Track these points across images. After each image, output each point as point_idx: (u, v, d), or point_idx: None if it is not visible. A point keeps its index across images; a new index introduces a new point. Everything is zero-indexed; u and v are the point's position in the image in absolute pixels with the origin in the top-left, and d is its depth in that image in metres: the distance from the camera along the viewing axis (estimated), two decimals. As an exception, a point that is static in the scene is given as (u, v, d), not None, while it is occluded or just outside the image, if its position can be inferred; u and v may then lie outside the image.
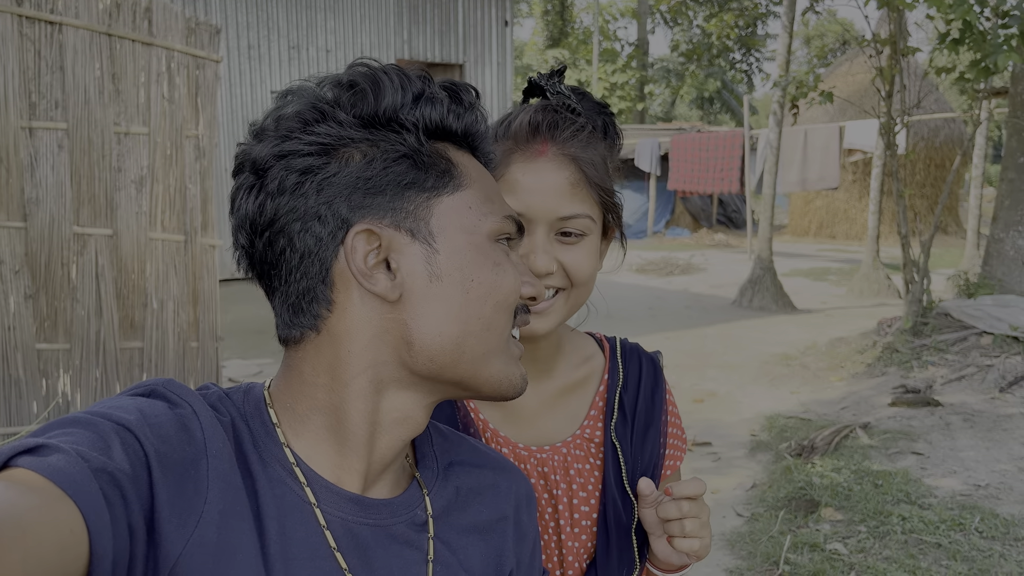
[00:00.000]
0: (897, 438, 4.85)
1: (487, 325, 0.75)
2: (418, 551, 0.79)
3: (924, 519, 3.73)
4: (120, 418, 0.64)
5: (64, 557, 0.52)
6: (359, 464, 0.75)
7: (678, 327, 8.49)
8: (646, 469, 1.14)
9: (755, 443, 5.03)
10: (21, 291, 3.59)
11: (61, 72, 3.56)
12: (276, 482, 0.72)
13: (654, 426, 1.16)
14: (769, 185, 10.04)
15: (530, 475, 1.11)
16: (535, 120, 1.05)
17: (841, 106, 15.61)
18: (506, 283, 0.76)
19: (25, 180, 3.54)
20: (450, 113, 0.77)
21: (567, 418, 1.15)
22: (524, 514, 0.92)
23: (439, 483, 0.84)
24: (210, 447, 0.68)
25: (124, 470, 0.60)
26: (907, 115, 7.44)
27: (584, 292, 1.07)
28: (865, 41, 7.63)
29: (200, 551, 0.64)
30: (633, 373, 1.18)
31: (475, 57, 13.25)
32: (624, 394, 1.16)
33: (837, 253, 16.08)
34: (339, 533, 0.73)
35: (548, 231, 1.03)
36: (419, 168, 0.74)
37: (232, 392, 0.78)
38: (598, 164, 1.05)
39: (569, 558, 1.12)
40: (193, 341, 3.97)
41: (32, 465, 0.55)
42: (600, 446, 1.14)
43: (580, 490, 1.13)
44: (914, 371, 6.25)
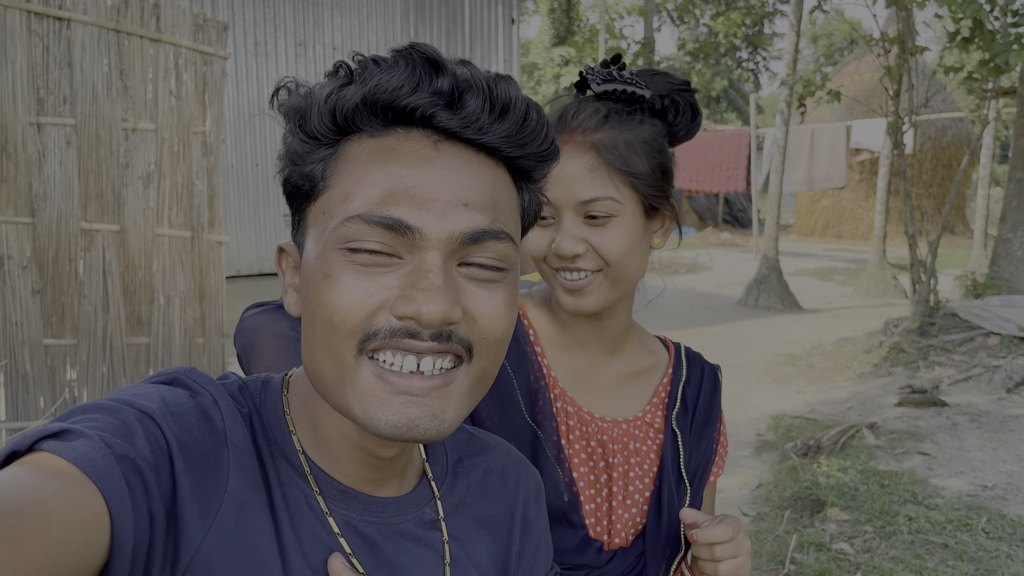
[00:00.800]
0: (903, 438, 4.84)
1: (325, 348, 0.65)
2: (428, 548, 0.78)
3: (931, 519, 3.72)
4: (143, 406, 0.64)
5: (86, 540, 0.52)
6: (362, 462, 0.75)
7: (683, 326, 8.47)
8: (699, 463, 1.21)
9: (761, 443, 5.02)
10: (29, 286, 3.60)
11: (69, 68, 3.57)
12: (284, 476, 0.72)
13: (710, 426, 1.23)
14: (775, 184, 10.03)
15: (590, 439, 1.16)
16: (562, 113, 1.11)
17: (848, 105, 15.56)
18: (330, 299, 0.64)
19: (33, 176, 3.55)
20: (342, 91, 0.66)
21: (630, 400, 1.21)
22: (532, 508, 0.91)
23: (448, 480, 0.84)
24: (231, 436, 0.69)
25: (146, 457, 0.60)
26: (915, 114, 7.41)
27: (623, 270, 1.10)
28: (873, 40, 7.61)
29: (221, 539, 0.64)
30: (696, 374, 1.25)
31: (481, 54, 13.25)
32: (687, 388, 1.23)
33: (843, 253, 16.04)
34: (345, 531, 0.73)
35: (574, 216, 1.08)
36: (297, 173, 0.70)
37: (250, 382, 0.78)
38: (622, 148, 1.08)
39: (618, 526, 1.16)
40: (199, 337, 3.97)
41: (56, 449, 0.56)
42: (659, 432, 1.20)
43: (637, 466, 1.18)
44: (921, 371, 6.23)
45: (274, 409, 0.75)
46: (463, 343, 0.65)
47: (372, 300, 0.64)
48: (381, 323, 0.64)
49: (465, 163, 0.66)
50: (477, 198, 0.65)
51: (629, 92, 1.12)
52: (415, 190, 0.64)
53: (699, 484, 1.21)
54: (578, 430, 1.17)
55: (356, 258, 0.64)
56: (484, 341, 0.67)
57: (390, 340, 0.64)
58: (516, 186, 0.72)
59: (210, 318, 3.99)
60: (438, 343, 0.64)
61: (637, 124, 1.11)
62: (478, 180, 0.66)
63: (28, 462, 0.55)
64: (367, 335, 0.64)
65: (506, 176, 0.70)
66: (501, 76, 0.67)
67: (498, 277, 0.68)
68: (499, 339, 0.68)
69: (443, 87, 0.64)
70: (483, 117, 0.65)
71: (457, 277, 0.66)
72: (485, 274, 0.67)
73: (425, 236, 0.63)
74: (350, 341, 0.64)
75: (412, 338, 0.63)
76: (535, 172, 0.72)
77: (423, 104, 0.64)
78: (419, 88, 0.64)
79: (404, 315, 0.63)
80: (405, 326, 0.63)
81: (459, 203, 0.64)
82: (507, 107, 0.66)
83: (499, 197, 0.68)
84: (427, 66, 0.64)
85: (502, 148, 0.67)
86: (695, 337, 8.00)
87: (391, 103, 0.65)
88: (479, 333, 0.66)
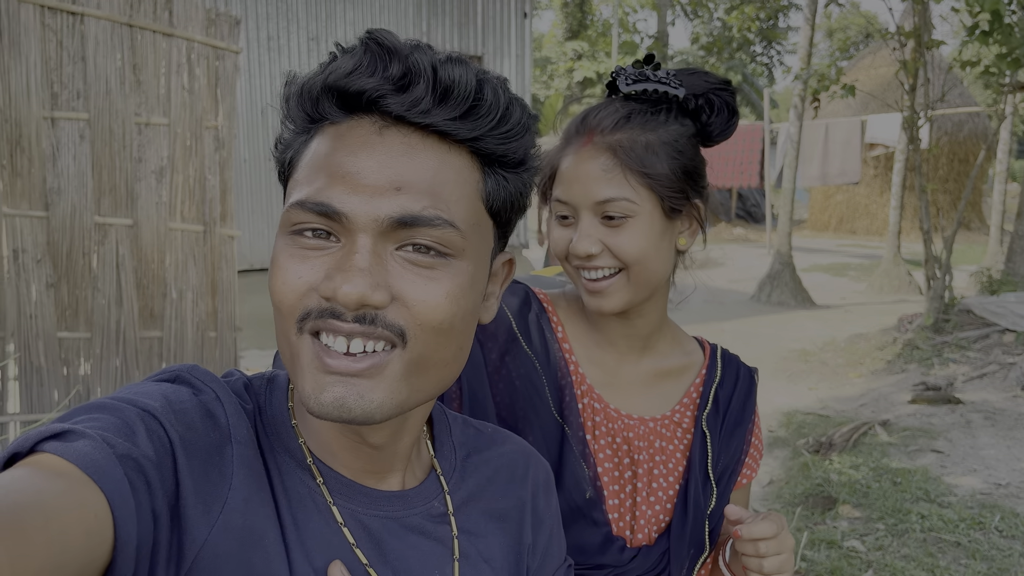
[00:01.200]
0: (917, 436, 4.81)
1: (280, 330, 0.67)
2: (436, 543, 0.78)
3: (943, 517, 3.69)
4: (145, 404, 0.64)
5: (89, 542, 0.52)
6: (354, 451, 0.74)
7: (696, 321, 8.45)
8: (727, 466, 1.21)
9: (772, 439, 5.00)
10: (43, 280, 3.62)
11: (83, 63, 3.58)
12: (287, 472, 0.72)
13: (742, 428, 1.23)
14: (789, 179, 9.97)
15: (615, 436, 1.17)
16: (586, 115, 1.13)
17: (863, 100, 15.44)
18: (273, 283, 0.66)
19: (47, 170, 3.56)
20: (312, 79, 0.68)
21: (660, 398, 1.22)
22: (541, 500, 0.91)
23: (457, 475, 0.84)
24: (234, 433, 0.69)
25: (149, 456, 0.60)
26: (931, 109, 7.35)
27: (643, 271, 1.11)
28: (889, 34, 7.54)
29: (226, 536, 0.64)
30: (730, 375, 1.26)
31: (494, 49, 13.23)
32: (720, 390, 1.23)
33: (857, 248, 15.94)
34: (350, 523, 0.73)
35: (591, 216, 1.09)
36: (278, 160, 0.73)
37: (255, 379, 0.78)
38: (640, 148, 1.08)
39: (641, 522, 1.16)
40: (212, 331, 3.99)
41: (58, 450, 0.55)
42: (687, 432, 1.21)
43: (662, 465, 1.19)
44: (935, 368, 6.19)
45: (279, 405, 0.75)
46: (391, 328, 0.64)
47: (302, 282, 0.65)
48: (312, 303, 0.64)
49: (407, 148, 0.65)
50: (413, 183, 0.64)
51: (660, 92, 1.12)
52: (351, 176, 0.64)
53: (727, 485, 1.21)
54: (604, 426, 1.17)
55: (299, 241, 0.66)
56: (418, 328, 0.65)
57: (319, 321, 0.64)
58: (483, 170, 0.70)
59: (222, 312, 4.00)
60: (360, 325, 0.63)
61: (660, 124, 1.11)
62: (417, 165, 0.65)
63: (30, 463, 0.55)
64: (302, 315, 0.65)
65: (460, 160, 0.68)
66: (453, 58, 0.66)
67: (437, 263, 0.66)
68: (435, 326, 0.66)
69: (393, 72, 0.64)
70: (426, 100, 0.64)
71: (391, 261, 0.65)
72: (423, 259, 0.65)
73: (351, 219, 0.63)
74: (291, 321, 0.66)
75: (336, 319, 0.64)
76: (505, 155, 0.70)
77: (369, 88, 0.64)
78: (372, 74, 0.65)
79: (326, 295, 0.63)
80: (330, 306, 0.64)
81: (390, 187, 0.64)
82: (450, 89, 0.65)
83: (443, 182, 0.66)
84: (380, 51, 0.64)
85: (451, 131, 0.66)
86: (707, 333, 7.93)
87: (343, 88, 0.65)
88: (412, 320, 0.65)
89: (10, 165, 3.50)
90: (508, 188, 0.72)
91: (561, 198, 1.12)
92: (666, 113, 1.12)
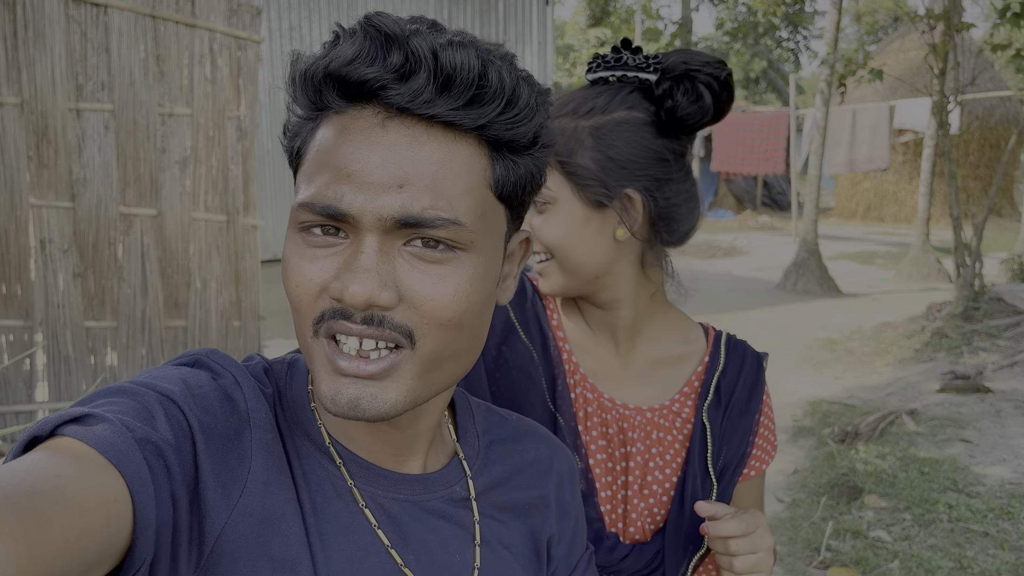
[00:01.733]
0: (945, 425, 4.74)
1: (297, 326, 0.67)
2: (457, 527, 0.78)
3: (971, 507, 3.65)
4: (164, 389, 0.64)
5: (108, 526, 0.52)
6: (372, 433, 0.74)
7: (719, 310, 8.39)
8: (730, 459, 1.16)
9: (797, 428, 4.96)
10: (70, 270, 3.67)
11: (107, 54, 3.61)
12: (306, 456, 0.72)
13: (746, 419, 1.17)
14: (815, 166, 9.85)
15: (608, 426, 1.14)
16: None
17: (892, 84, 15.20)
18: (287, 284, 0.66)
19: (73, 161, 3.60)
20: (315, 64, 0.66)
21: (657, 388, 1.18)
22: (566, 490, 0.91)
23: (480, 461, 0.83)
24: (253, 417, 0.69)
25: (168, 440, 0.60)
26: (961, 93, 7.22)
27: (566, 260, 1.09)
28: (918, 16, 7.41)
29: (246, 520, 0.64)
30: (735, 363, 1.19)
31: (515, 36, 13.18)
32: (722, 379, 1.18)
33: (885, 236, 15.73)
34: (372, 508, 0.73)
35: None
36: (286, 147, 0.72)
37: (275, 364, 0.78)
38: (565, 136, 1.06)
39: (633, 516, 1.14)
40: (235, 320, 4.02)
41: (78, 434, 0.56)
42: (687, 422, 1.16)
43: (659, 457, 1.15)
44: (964, 357, 6.10)
45: (299, 389, 0.76)
46: (399, 329, 0.64)
47: (314, 284, 0.64)
48: (325, 305, 0.64)
49: (411, 140, 0.63)
50: (416, 178, 0.63)
51: (621, 77, 1.08)
52: (356, 174, 0.63)
53: (729, 480, 1.16)
54: (596, 416, 1.15)
55: (308, 239, 0.65)
56: (426, 326, 0.65)
57: (332, 323, 0.64)
58: (491, 156, 0.68)
59: (246, 301, 4.03)
60: (368, 327, 0.63)
61: (599, 111, 1.07)
62: (421, 158, 0.63)
63: (49, 447, 0.55)
64: (316, 318, 0.65)
65: (467, 149, 0.65)
66: (455, 41, 0.63)
67: (445, 257, 0.65)
68: (443, 324, 0.65)
69: (393, 61, 0.62)
70: (428, 90, 0.62)
71: (399, 257, 0.64)
72: (431, 253, 0.64)
73: (357, 219, 0.62)
74: (307, 323, 0.66)
75: (346, 319, 0.63)
76: (514, 140, 0.67)
77: (371, 79, 0.62)
78: (372, 62, 0.62)
79: (335, 296, 0.63)
80: (341, 307, 0.63)
81: (393, 185, 0.62)
82: (452, 77, 0.62)
83: (446, 176, 0.64)
84: (380, 38, 0.62)
85: (455, 120, 0.64)
86: (732, 321, 7.91)
87: (344, 77, 0.63)
88: (420, 319, 0.64)
89: (37, 156, 3.55)
90: (518, 171, 0.70)
91: None
92: (619, 99, 1.08)
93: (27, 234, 3.59)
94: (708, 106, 1.07)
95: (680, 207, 1.12)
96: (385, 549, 0.72)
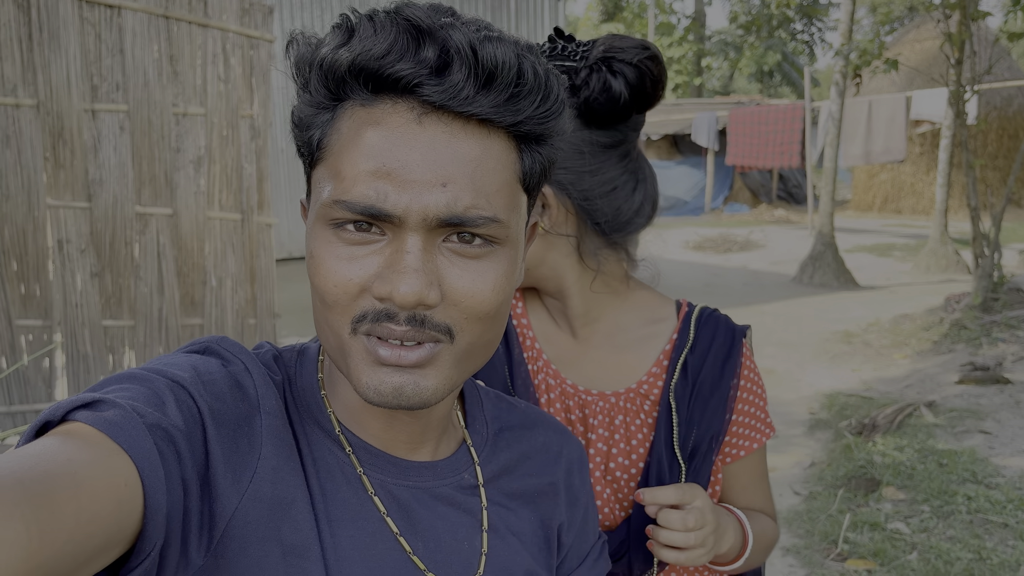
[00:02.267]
0: (964, 416, 4.70)
1: (326, 321, 0.67)
2: (466, 514, 0.78)
3: (990, 499, 3.61)
4: (175, 375, 0.65)
5: (119, 511, 0.53)
6: (386, 420, 0.75)
7: (735, 304, 8.35)
8: (702, 438, 1.10)
9: (814, 421, 4.93)
10: (87, 269, 3.71)
11: (121, 55, 3.64)
12: (315, 443, 0.73)
13: (718, 395, 1.12)
14: (830, 158, 9.78)
15: (571, 411, 1.13)
16: None
17: (908, 75, 15.06)
18: (319, 280, 0.65)
19: (89, 161, 3.64)
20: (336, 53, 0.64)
21: (623, 371, 1.15)
22: (576, 478, 0.91)
23: (488, 448, 0.84)
24: (263, 404, 0.70)
25: (178, 426, 0.61)
26: (977, 83, 7.14)
27: None
28: (933, 6, 7.34)
29: (256, 505, 0.65)
30: (704, 338, 1.14)
31: (527, 32, 13.15)
32: (690, 356, 1.13)
33: (903, 228, 15.60)
34: (381, 495, 0.73)
35: None
36: (300, 138, 0.70)
37: (285, 351, 0.78)
38: None
39: (597, 502, 1.11)
40: (251, 318, 4.05)
41: (89, 419, 0.56)
42: (656, 404, 1.12)
43: (622, 442, 1.12)
44: (983, 348, 6.04)
45: (309, 376, 0.76)
46: (439, 328, 0.64)
47: (354, 283, 0.64)
48: (367, 306, 0.64)
49: (450, 137, 0.63)
50: (457, 176, 0.62)
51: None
52: (395, 172, 0.62)
53: (701, 462, 1.10)
54: (559, 402, 1.14)
55: (342, 235, 0.64)
56: (465, 321, 0.66)
57: (375, 325, 0.64)
58: (519, 149, 0.68)
59: (261, 299, 4.06)
60: (412, 328, 0.63)
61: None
62: (460, 156, 0.63)
63: (61, 432, 0.56)
64: (358, 318, 0.65)
65: (500, 144, 0.66)
66: (491, 37, 0.62)
67: (483, 252, 0.65)
68: (483, 316, 0.66)
69: (428, 56, 0.61)
70: (468, 87, 0.61)
71: (439, 254, 0.65)
72: (469, 249, 0.65)
73: (402, 219, 0.62)
74: (344, 319, 0.65)
75: (390, 320, 0.64)
76: (543, 134, 0.68)
77: (406, 75, 0.61)
78: (404, 56, 0.61)
79: (381, 296, 0.63)
80: (385, 308, 0.63)
81: (436, 183, 0.62)
82: (493, 74, 0.61)
83: (484, 173, 0.64)
84: (413, 32, 0.61)
85: (494, 118, 0.63)
86: (748, 315, 7.88)
87: (376, 72, 0.62)
88: (459, 314, 0.65)
89: (53, 157, 3.58)
90: (542, 161, 0.70)
91: None
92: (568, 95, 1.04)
93: (45, 235, 3.63)
94: (619, 93, 1.03)
95: (602, 199, 1.08)
96: (394, 536, 0.72)
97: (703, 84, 32.80)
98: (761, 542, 1.13)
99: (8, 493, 0.46)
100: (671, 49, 31.39)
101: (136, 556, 0.56)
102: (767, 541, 1.15)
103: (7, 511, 0.45)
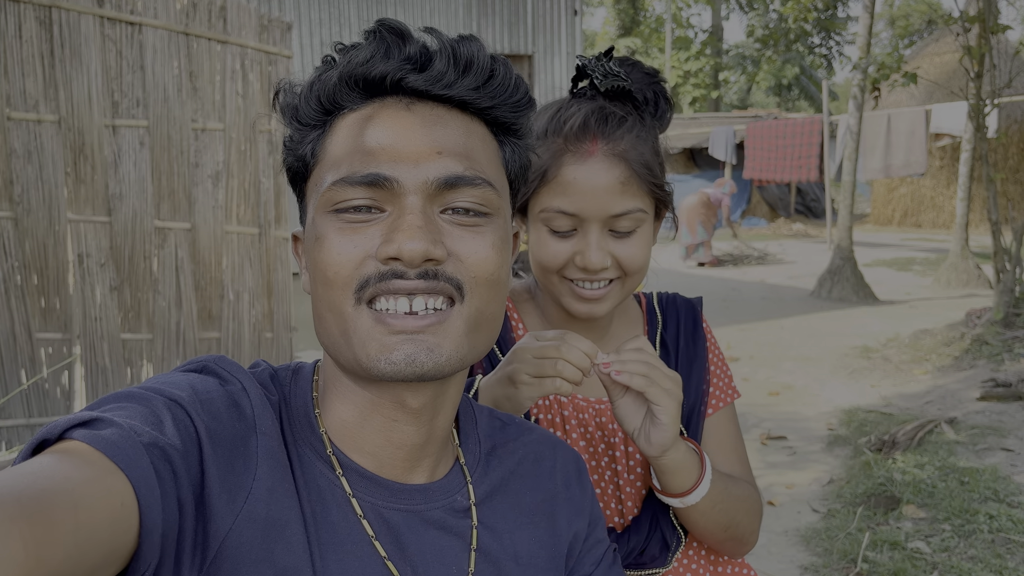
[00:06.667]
0: (986, 433, 4.63)
1: (327, 305, 0.69)
2: (456, 537, 0.78)
3: (1013, 518, 3.55)
4: (172, 394, 0.65)
5: (114, 529, 0.53)
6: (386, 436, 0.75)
7: (753, 319, 8.30)
8: (693, 404, 1.20)
9: (833, 437, 4.88)
10: (107, 283, 3.74)
11: (142, 71, 3.68)
12: (308, 464, 0.72)
13: (698, 362, 1.23)
14: (849, 172, 9.72)
15: (588, 424, 1.17)
16: (585, 119, 1.08)
17: (927, 89, 14.97)
18: (322, 257, 0.68)
19: (109, 176, 3.68)
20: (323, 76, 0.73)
21: None
22: (576, 488, 0.90)
23: (481, 467, 0.83)
24: (259, 424, 0.69)
25: (175, 445, 0.61)
26: (997, 96, 7.08)
27: (640, 277, 1.12)
28: (952, 19, 7.30)
29: (250, 526, 0.65)
30: (672, 316, 1.26)
31: (544, 47, 13.20)
32: (665, 333, 1.24)
33: (923, 242, 15.45)
34: (371, 518, 0.73)
35: (601, 228, 1.07)
36: (293, 157, 0.75)
37: (281, 370, 0.78)
38: (648, 157, 1.08)
39: (628, 503, 1.17)
40: (268, 332, 4.06)
41: (86, 438, 0.56)
42: None
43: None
44: (1005, 364, 5.96)
45: (303, 396, 0.76)
46: (451, 282, 0.68)
47: (358, 251, 0.67)
48: (370, 270, 0.67)
49: (437, 118, 0.70)
50: (450, 147, 0.69)
51: (623, 87, 1.10)
52: (391, 146, 0.68)
53: (696, 424, 1.20)
54: (575, 418, 1.17)
55: (343, 217, 0.68)
56: (473, 280, 0.69)
57: (380, 285, 0.66)
58: (497, 139, 0.75)
59: (278, 313, 4.07)
60: (424, 281, 0.66)
61: (639, 124, 1.10)
62: (450, 131, 0.70)
63: (58, 450, 0.56)
64: (360, 284, 0.67)
65: (482, 129, 0.73)
66: (465, 37, 0.71)
67: (480, 221, 0.71)
68: (488, 278, 0.70)
69: (411, 53, 0.69)
70: (448, 74, 0.69)
71: (440, 222, 0.69)
72: (467, 219, 0.70)
73: (402, 183, 0.67)
74: (346, 292, 0.67)
75: (399, 279, 0.66)
76: (514, 124, 0.75)
77: (391, 69, 0.69)
78: (388, 57, 0.69)
79: (388, 256, 0.66)
80: (391, 268, 0.66)
81: (432, 151, 0.68)
82: (470, 63, 0.70)
83: (473, 147, 0.71)
84: (393, 36, 0.69)
85: (472, 100, 0.71)
86: (766, 329, 7.82)
87: (364, 75, 0.69)
88: (467, 272, 0.69)
89: (74, 172, 3.63)
90: (519, 157, 0.78)
91: (565, 209, 1.06)
92: (636, 111, 1.11)
93: (65, 248, 3.67)
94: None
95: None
96: (382, 560, 0.72)
97: (720, 98, 32.77)
98: (734, 494, 1.13)
99: (6, 510, 0.46)
100: (688, 63, 31.40)
101: (131, 575, 0.56)
102: (742, 495, 1.16)
103: (5, 528, 0.45)
